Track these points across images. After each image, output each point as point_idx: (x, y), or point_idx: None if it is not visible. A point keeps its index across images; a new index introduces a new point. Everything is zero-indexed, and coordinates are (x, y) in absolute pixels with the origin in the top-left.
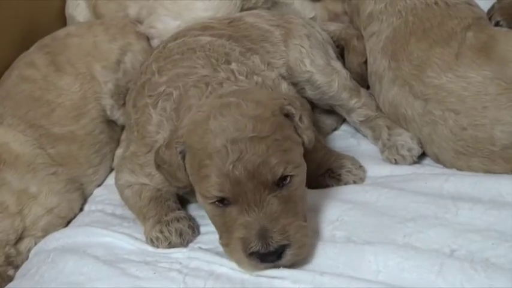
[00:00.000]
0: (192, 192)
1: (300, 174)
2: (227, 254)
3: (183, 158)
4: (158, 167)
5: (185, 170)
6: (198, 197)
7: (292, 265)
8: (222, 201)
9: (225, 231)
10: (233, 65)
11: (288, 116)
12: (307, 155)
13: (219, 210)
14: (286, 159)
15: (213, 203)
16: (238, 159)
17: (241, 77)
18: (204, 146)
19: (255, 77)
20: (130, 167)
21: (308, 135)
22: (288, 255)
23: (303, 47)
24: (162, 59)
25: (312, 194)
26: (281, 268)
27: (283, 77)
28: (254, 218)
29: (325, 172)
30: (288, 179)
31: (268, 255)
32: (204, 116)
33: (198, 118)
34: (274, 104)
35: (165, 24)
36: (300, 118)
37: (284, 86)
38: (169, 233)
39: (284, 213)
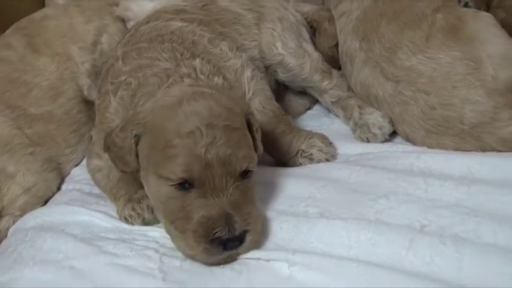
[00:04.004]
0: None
1: (255, 172)
2: (179, 242)
3: (137, 142)
4: (108, 149)
5: (136, 155)
6: (151, 180)
7: (248, 251)
8: (183, 184)
9: (181, 217)
10: (197, 61)
11: (247, 123)
12: (277, 140)
13: (178, 194)
14: (251, 155)
15: (174, 185)
16: (211, 143)
17: (202, 76)
18: (174, 127)
19: (216, 78)
20: (96, 151)
21: (259, 147)
22: (248, 241)
23: (275, 30)
24: (131, 44)
25: (285, 172)
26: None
27: (255, 59)
28: (218, 203)
29: (297, 153)
30: (249, 173)
31: (231, 240)
32: (175, 100)
33: (167, 102)
34: (242, 105)
35: (141, 6)
36: (257, 129)
37: (247, 73)
38: (142, 210)
39: (244, 202)
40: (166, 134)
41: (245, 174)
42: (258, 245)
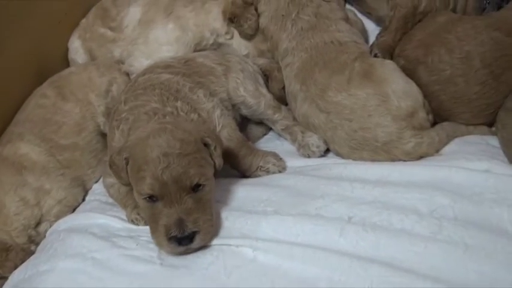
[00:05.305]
0: None
1: (209, 185)
2: (153, 239)
3: (127, 163)
4: (110, 167)
5: (127, 172)
6: (135, 193)
7: (200, 248)
8: (151, 198)
9: (152, 221)
10: (178, 103)
11: (205, 144)
12: (241, 160)
13: (149, 205)
14: (201, 172)
15: (145, 198)
16: (166, 167)
17: (182, 113)
18: (144, 156)
19: (192, 115)
20: (109, 171)
21: (218, 161)
22: (198, 239)
23: (238, 78)
24: (131, 92)
25: (249, 182)
26: (225, 238)
27: (224, 100)
28: (174, 211)
29: (256, 168)
30: (201, 186)
31: (183, 239)
32: (146, 134)
33: (141, 135)
34: (197, 134)
35: (140, 63)
36: (215, 147)
37: (217, 113)
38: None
39: (196, 209)
40: (139, 161)
41: (197, 187)
42: (208, 241)
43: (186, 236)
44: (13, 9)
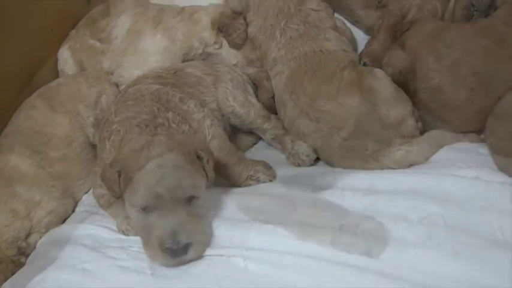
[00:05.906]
0: None
1: (202, 197)
2: (145, 251)
3: (119, 176)
4: (103, 180)
5: (119, 185)
6: (127, 205)
7: (194, 259)
8: (144, 210)
9: (145, 233)
10: (169, 114)
11: (198, 157)
12: (231, 170)
13: (142, 217)
14: (195, 184)
15: (138, 210)
16: (161, 179)
17: (173, 125)
18: (137, 168)
19: (183, 126)
20: (99, 182)
21: (210, 174)
22: (192, 251)
23: (227, 88)
24: (121, 103)
25: (240, 191)
26: (216, 248)
27: (214, 110)
28: (168, 223)
29: (247, 178)
30: (195, 198)
31: (177, 251)
32: (139, 147)
33: (134, 147)
34: (190, 146)
35: (129, 73)
36: (207, 160)
37: (207, 123)
38: None
39: (190, 221)
40: (132, 173)
41: (191, 199)
42: (201, 253)
43: (180, 248)
44: (2, 19)
